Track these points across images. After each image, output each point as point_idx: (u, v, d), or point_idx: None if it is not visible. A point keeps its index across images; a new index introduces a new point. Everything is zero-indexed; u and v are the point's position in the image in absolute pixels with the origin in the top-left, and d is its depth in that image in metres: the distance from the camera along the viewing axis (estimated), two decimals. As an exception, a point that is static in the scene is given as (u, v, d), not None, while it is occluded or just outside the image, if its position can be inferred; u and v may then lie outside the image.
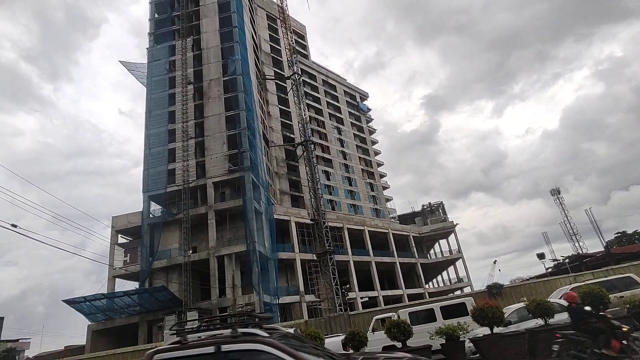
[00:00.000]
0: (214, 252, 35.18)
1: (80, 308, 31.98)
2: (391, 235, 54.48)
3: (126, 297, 32.19)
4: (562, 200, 69.29)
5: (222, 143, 40.62)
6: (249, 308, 32.56)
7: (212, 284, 34.17)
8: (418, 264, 56.51)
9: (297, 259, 40.75)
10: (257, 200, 37.53)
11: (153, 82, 44.84)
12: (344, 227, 48.40)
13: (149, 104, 43.69)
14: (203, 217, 37.29)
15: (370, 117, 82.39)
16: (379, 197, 70.03)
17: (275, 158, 52.89)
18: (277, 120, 56.41)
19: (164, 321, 31.41)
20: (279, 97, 58.69)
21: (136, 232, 39.12)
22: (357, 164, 68.90)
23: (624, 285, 13.18)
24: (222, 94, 42.93)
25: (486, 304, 10.20)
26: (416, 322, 13.78)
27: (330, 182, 59.35)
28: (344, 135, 69.70)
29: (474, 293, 23.53)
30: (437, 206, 67.93)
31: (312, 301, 39.40)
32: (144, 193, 39.23)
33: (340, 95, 75.14)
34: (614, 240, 60.95)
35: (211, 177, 39.19)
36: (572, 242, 66.58)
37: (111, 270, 36.99)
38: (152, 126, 42.23)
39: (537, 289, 19.93)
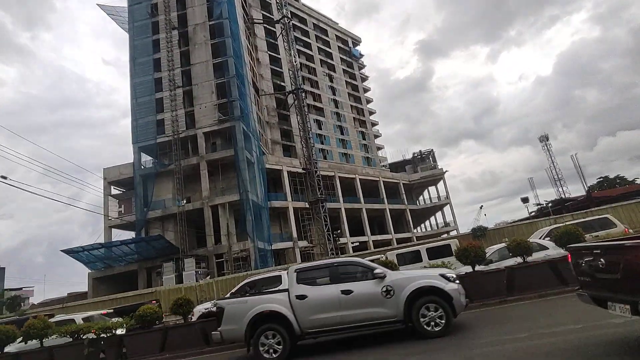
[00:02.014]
0: (208, 202, 35.68)
1: (79, 257, 32.87)
2: (382, 183, 55.41)
3: (124, 246, 33.05)
4: (549, 146, 70.13)
5: (210, 92, 39.60)
6: (244, 254, 33.74)
7: (208, 232, 35.05)
8: (407, 210, 58.15)
9: (289, 207, 41.57)
10: (249, 150, 37.45)
11: (135, 27, 42.55)
12: (336, 175, 48.95)
13: (132, 52, 41.82)
14: (195, 168, 37.33)
15: (363, 63, 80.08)
16: (370, 146, 70.14)
17: (266, 107, 51.94)
18: (267, 67, 54.62)
19: (162, 267, 32.60)
20: (268, 42, 56.34)
21: (129, 183, 39.23)
22: (349, 112, 68.07)
23: (600, 225, 13.86)
24: (209, 40, 41.10)
25: (469, 245, 10.77)
26: (403, 262, 14.57)
27: (321, 131, 58.96)
28: (336, 83, 68.11)
29: (459, 236, 24.56)
30: (428, 154, 68.48)
31: (305, 247, 40.85)
32: (134, 144, 38.80)
33: (332, 41, 72.32)
34: (595, 184, 62.64)
35: (201, 127, 38.67)
36: (556, 187, 68.56)
37: (107, 220, 37.55)
38: (137, 75, 40.76)
39: (519, 231, 20.86)
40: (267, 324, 6.89)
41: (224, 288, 19.70)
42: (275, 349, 6.76)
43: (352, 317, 6.73)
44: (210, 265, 34.07)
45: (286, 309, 6.94)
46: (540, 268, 10.12)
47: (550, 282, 9.87)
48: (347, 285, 6.87)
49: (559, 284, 9.77)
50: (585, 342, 4.97)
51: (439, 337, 6.43)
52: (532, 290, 9.69)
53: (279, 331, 6.83)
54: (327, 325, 6.82)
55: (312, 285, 7.11)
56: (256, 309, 7.01)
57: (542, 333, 5.80)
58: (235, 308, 7.20)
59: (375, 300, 6.71)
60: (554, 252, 10.97)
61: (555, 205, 51.16)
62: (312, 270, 7.43)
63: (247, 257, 33.64)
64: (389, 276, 6.89)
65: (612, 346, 4.61)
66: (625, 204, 20.24)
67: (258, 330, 6.87)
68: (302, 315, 6.87)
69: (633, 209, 19.47)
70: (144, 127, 38.96)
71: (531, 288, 9.76)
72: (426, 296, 6.63)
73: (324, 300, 6.87)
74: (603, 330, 5.39)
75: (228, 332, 7.13)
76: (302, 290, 7.03)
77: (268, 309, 6.98)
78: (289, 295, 7.06)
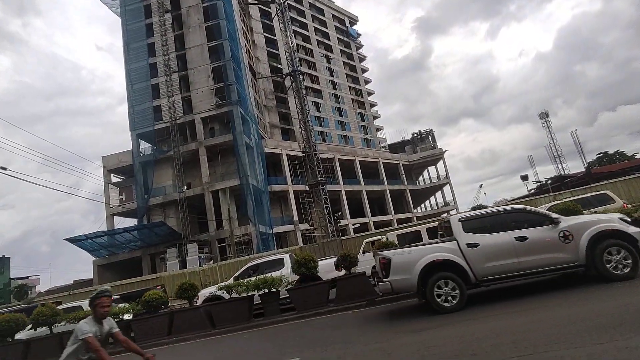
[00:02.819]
0: (208, 187, 35.77)
1: (83, 245, 33.16)
2: (381, 164, 55.41)
3: (126, 234, 33.30)
4: (549, 123, 69.90)
5: (207, 76, 39.14)
6: (246, 238, 34.05)
7: (209, 217, 35.25)
8: (407, 190, 58.35)
9: (290, 191, 41.70)
10: (247, 135, 37.28)
11: (127, 11, 41.72)
12: (335, 158, 48.90)
13: (125, 37, 41.14)
14: (194, 154, 37.26)
15: (360, 43, 78.85)
16: (369, 127, 69.79)
17: (263, 90, 51.45)
18: (263, 49, 53.83)
19: (165, 253, 32.96)
20: (264, 24, 55.36)
21: (128, 170, 39.22)
22: (347, 93, 67.44)
23: (598, 201, 13.93)
24: (203, 22, 40.38)
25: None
26: (404, 243, 14.68)
27: (320, 114, 58.56)
28: (334, 64, 67.21)
29: (460, 215, 24.69)
30: (427, 134, 68.24)
31: (306, 229, 41.17)
32: (132, 131, 38.60)
33: (329, 20, 71.00)
34: (595, 160, 62.60)
35: (199, 113, 38.40)
36: (555, 164, 68.69)
37: (108, 208, 37.73)
38: (132, 61, 40.21)
39: (518, 209, 20.93)
40: (439, 272, 6.87)
41: (227, 272, 19.97)
42: (453, 296, 6.77)
43: (530, 263, 6.73)
44: (213, 250, 34.42)
45: (458, 258, 6.93)
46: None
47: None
48: (520, 232, 6.88)
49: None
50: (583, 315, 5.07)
51: (627, 279, 6.37)
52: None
53: (453, 279, 6.80)
54: (503, 272, 6.81)
55: (482, 233, 7.06)
56: (427, 258, 6.95)
57: (545, 306, 5.94)
58: (403, 258, 7.15)
59: (552, 245, 6.74)
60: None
61: (555, 182, 51.34)
62: (478, 219, 7.38)
63: (249, 241, 33.95)
64: (564, 222, 6.88)
65: None
66: (625, 179, 20.25)
67: (431, 279, 6.85)
68: (476, 263, 6.87)
69: (632, 184, 19.49)
70: (141, 114, 38.68)
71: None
72: (609, 239, 6.58)
73: (499, 247, 6.87)
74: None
75: (398, 282, 7.06)
76: (473, 238, 7.02)
77: (441, 258, 6.95)
78: (459, 244, 7.02)
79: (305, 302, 10.23)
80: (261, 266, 12.70)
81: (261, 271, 12.12)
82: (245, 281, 10.63)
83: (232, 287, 10.69)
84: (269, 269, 12.26)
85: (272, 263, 12.87)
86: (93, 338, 3.45)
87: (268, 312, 10.51)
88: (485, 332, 5.18)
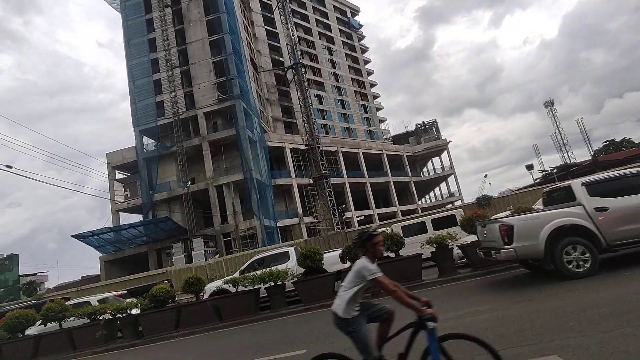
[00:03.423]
0: (212, 182, 35.85)
1: (89, 242, 33.46)
2: (385, 156, 55.21)
3: (132, 229, 33.53)
4: (555, 111, 69.11)
5: (208, 71, 39.02)
6: (250, 232, 34.18)
7: (214, 212, 35.39)
8: (411, 182, 58.17)
9: (294, 184, 41.71)
10: (250, 129, 37.24)
11: (127, 6, 41.59)
12: (339, 150, 48.77)
13: (126, 32, 41.04)
14: (198, 149, 37.30)
15: (362, 34, 78.17)
16: (372, 119, 69.45)
17: (265, 84, 51.24)
18: (265, 42, 53.51)
19: (171, 248, 33.17)
20: (265, 16, 54.96)
21: (133, 167, 39.37)
22: (349, 85, 67.04)
23: (605, 190, 13.79)
24: (204, 16, 40.17)
25: (474, 214, 10.81)
26: (409, 234, 14.68)
27: (323, 106, 58.31)
28: (335, 56, 66.74)
29: (464, 205, 24.63)
30: (431, 125, 67.83)
31: (310, 222, 41.23)
32: (135, 128, 38.69)
33: (330, 12, 70.36)
34: (602, 148, 61.98)
35: (201, 108, 38.36)
36: (561, 152, 68.07)
37: (113, 205, 37.96)
38: (133, 56, 40.15)
39: (524, 198, 20.87)
40: (568, 237, 6.70)
41: (233, 266, 20.07)
42: (584, 261, 6.62)
43: None
44: (218, 244, 34.60)
45: (587, 222, 6.75)
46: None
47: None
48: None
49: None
50: (590, 302, 5.03)
51: None
52: (537, 256, 9.74)
53: (584, 244, 6.64)
54: (635, 236, 6.65)
55: (609, 197, 6.89)
56: (555, 223, 6.76)
57: (547, 295, 5.90)
58: (527, 224, 6.97)
59: None
60: (559, 218, 10.96)
61: (560, 171, 50.95)
62: (604, 182, 7.19)
63: (254, 234, 34.08)
64: None
65: None
66: (632, 166, 20.06)
67: (560, 244, 6.68)
68: (606, 227, 6.70)
69: (639, 172, 19.31)
70: (143, 110, 38.71)
71: (536, 254, 9.81)
72: None
73: (630, 211, 6.70)
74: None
75: (523, 249, 6.91)
76: (601, 202, 6.83)
77: (570, 222, 6.75)
78: (585, 208, 6.84)
79: (311, 294, 10.24)
80: (267, 259, 12.73)
81: (267, 264, 12.14)
82: (251, 274, 10.66)
83: (238, 281, 10.73)
84: (275, 262, 12.28)
85: (277, 256, 12.90)
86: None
87: (274, 305, 10.54)
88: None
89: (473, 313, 5.89)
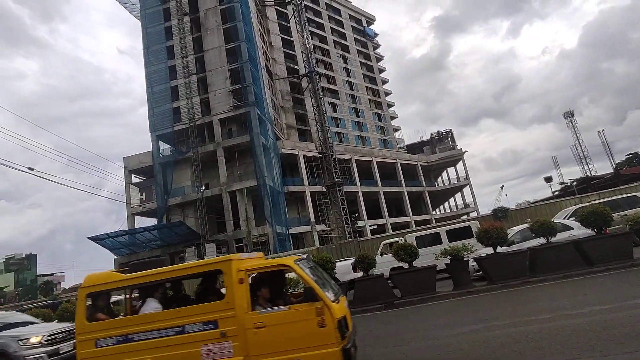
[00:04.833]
0: (226, 188, 36.11)
1: (105, 244, 33.94)
2: (399, 165, 54.82)
3: (147, 233, 33.93)
4: (574, 123, 67.74)
5: (224, 78, 39.58)
6: (263, 238, 34.21)
7: (227, 217, 35.59)
8: (426, 192, 57.51)
9: (307, 192, 41.68)
10: (264, 136, 37.48)
11: (147, 14, 42.63)
12: (352, 158, 48.65)
13: (145, 40, 42.03)
14: (212, 155, 37.70)
15: (377, 43, 78.31)
16: (386, 127, 69.18)
17: (280, 91, 51.66)
18: (280, 50, 54.08)
19: (184, 253, 33.44)
20: (281, 25, 55.61)
21: (149, 171, 40.00)
22: (364, 94, 67.05)
23: (628, 204, 13.34)
24: (221, 25, 40.86)
25: (491, 226, 10.57)
26: (422, 245, 14.44)
27: (337, 114, 58.39)
28: (350, 64, 66.94)
29: (480, 217, 24.18)
30: (446, 134, 67.17)
31: (322, 230, 41.06)
32: (152, 133, 39.36)
33: (345, 20, 70.81)
34: (624, 161, 60.27)
35: (217, 114, 38.85)
36: (581, 165, 66.53)
37: (129, 208, 38.56)
38: (152, 63, 41.03)
39: (542, 211, 20.34)
40: None
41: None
42: None
43: None
44: (230, 249, 34.71)
45: None
46: (565, 249, 9.89)
47: (575, 263, 9.66)
48: None
49: (585, 265, 9.55)
50: (612, 323, 4.84)
51: None
52: (556, 271, 9.50)
53: None
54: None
55: None
56: None
57: (568, 314, 5.68)
58: None
59: None
60: (579, 233, 10.68)
61: (581, 184, 49.71)
62: None
63: (266, 241, 34.10)
64: None
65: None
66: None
67: None
68: None
69: (664, 186, 18.68)
70: (160, 116, 39.42)
71: (555, 269, 9.57)
72: None
73: None
74: (631, 310, 5.24)
75: None
76: None
77: None
78: None
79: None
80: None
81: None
82: None
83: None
84: None
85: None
86: None
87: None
88: None
89: (489, 328, 5.72)
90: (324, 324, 4.05)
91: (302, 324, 4.09)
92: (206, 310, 4.33)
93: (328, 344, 4.00)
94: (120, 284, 4.82)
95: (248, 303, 4.27)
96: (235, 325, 4.18)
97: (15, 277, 69.28)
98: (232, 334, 4.17)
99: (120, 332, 4.46)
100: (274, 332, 4.12)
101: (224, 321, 4.22)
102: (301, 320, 4.11)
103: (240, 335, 4.16)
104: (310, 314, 4.11)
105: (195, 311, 4.37)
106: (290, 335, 4.10)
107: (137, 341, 4.39)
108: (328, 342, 4.01)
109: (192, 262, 5.35)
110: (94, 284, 4.83)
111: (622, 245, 9.47)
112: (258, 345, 4.11)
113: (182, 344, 4.25)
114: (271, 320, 4.17)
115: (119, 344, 4.42)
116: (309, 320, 4.09)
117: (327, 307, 4.09)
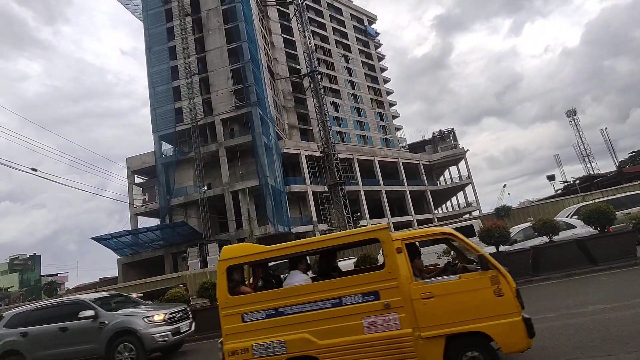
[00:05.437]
0: (228, 188, 36.18)
1: (108, 244, 34.07)
2: (401, 165, 54.76)
3: (149, 233, 34.03)
4: (577, 121, 67.51)
5: (226, 78, 39.63)
6: (265, 238, 34.22)
7: (229, 217, 35.65)
8: (428, 191, 57.43)
9: (309, 191, 41.70)
10: (266, 135, 37.52)
11: (149, 15, 42.75)
12: (354, 158, 48.63)
13: (147, 40, 42.14)
14: (214, 155, 37.77)
15: (379, 42, 78.23)
16: (388, 127, 69.13)
17: (281, 91, 51.68)
18: (282, 50, 54.09)
19: (187, 253, 33.52)
20: (282, 25, 55.63)
21: (151, 171, 40.12)
22: (365, 93, 67.01)
23: (632, 202, 13.29)
24: (222, 25, 40.91)
25: (493, 225, 10.55)
26: (424, 244, 14.39)
27: (338, 114, 58.38)
28: (352, 64, 66.90)
29: (482, 216, 24.10)
30: (448, 133, 67.02)
31: (324, 230, 41.05)
32: (154, 133, 39.46)
33: (347, 20, 70.76)
34: (627, 159, 60.01)
35: (219, 114, 38.92)
36: (584, 163, 66.29)
37: (132, 208, 38.69)
38: (154, 64, 41.14)
39: (545, 209, 20.28)
40: None
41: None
42: None
43: None
44: (233, 249, 34.71)
45: None
46: (568, 247, 9.87)
47: (578, 262, 9.63)
48: None
49: (588, 264, 9.52)
50: (616, 322, 4.82)
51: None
52: (559, 269, 9.49)
53: None
54: None
55: None
56: None
57: (571, 313, 5.67)
58: None
59: None
60: (582, 231, 10.65)
61: (583, 182, 49.53)
62: None
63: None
64: None
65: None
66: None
67: None
68: None
69: (668, 184, 18.59)
70: (162, 116, 39.52)
71: (558, 268, 9.55)
72: None
73: None
74: (635, 309, 5.22)
75: None
76: None
77: None
78: None
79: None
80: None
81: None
82: None
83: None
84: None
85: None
86: None
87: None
88: None
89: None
90: (502, 293, 3.88)
91: (477, 293, 3.89)
92: (365, 280, 4.13)
93: (509, 313, 3.84)
94: (264, 255, 4.57)
95: (411, 273, 4.06)
96: (400, 296, 3.98)
97: (19, 278, 69.73)
98: (397, 305, 3.97)
99: (269, 305, 4.26)
100: (444, 302, 3.91)
101: (386, 292, 4.01)
102: (475, 289, 3.91)
103: (407, 307, 3.95)
104: (484, 282, 3.91)
105: (353, 282, 4.17)
106: (463, 305, 3.89)
107: (290, 314, 4.20)
108: (509, 312, 3.85)
109: (346, 231, 4.96)
110: (234, 256, 4.60)
111: (625, 243, 9.44)
112: (428, 316, 3.91)
113: (340, 316, 4.06)
114: (440, 290, 3.95)
115: (268, 318, 4.24)
116: (483, 289, 3.89)
117: (502, 275, 3.93)
